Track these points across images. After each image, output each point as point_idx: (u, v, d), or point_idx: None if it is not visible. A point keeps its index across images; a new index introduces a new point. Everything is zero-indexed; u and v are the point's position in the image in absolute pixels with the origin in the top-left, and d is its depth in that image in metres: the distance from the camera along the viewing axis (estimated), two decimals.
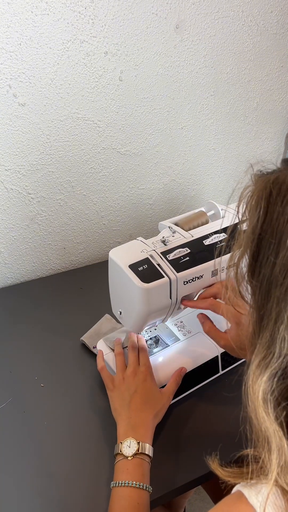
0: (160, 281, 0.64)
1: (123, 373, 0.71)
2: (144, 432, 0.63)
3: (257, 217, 0.41)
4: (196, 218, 0.75)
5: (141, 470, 0.60)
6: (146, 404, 0.67)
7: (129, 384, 0.69)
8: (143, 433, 0.63)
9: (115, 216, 1.19)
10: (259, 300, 0.43)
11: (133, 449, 0.60)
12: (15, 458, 0.69)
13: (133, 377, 0.70)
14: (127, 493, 0.57)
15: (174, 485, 0.64)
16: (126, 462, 0.60)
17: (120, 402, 0.68)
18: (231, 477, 0.43)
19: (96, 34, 0.92)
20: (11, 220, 1.03)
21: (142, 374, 0.70)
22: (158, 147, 1.15)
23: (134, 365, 0.72)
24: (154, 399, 0.68)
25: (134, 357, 0.73)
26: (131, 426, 0.63)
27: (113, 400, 0.69)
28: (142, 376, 0.70)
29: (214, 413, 0.75)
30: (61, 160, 1.02)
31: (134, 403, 0.66)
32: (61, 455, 0.69)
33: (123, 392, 0.68)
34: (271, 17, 1.14)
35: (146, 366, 0.72)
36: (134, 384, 0.69)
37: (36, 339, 0.92)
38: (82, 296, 1.05)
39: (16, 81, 0.88)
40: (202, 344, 0.80)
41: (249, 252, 0.43)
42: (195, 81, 1.11)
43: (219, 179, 1.34)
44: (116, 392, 0.69)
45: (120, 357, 0.74)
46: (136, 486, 0.57)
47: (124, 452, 0.61)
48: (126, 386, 0.69)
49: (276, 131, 1.38)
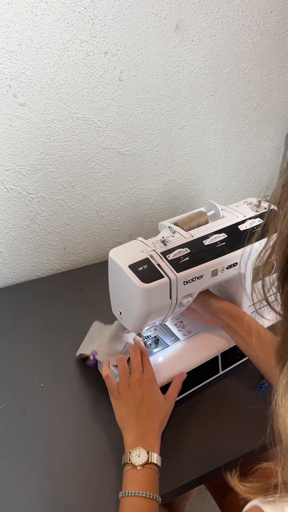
0: (160, 281, 0.64)
1: (127, 380, 0.70)
2: (153, 441, 0.63)
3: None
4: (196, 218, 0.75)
5: (151, 480, 0.59)
6: (152, 412, 0.66)
7: (135, 393, 0.68)
8: (151, 443, 0.63)
9: (115, 216, 1.19)
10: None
11: (143, 458, 0.60)
12: (15, 458, 0.69)
13: (139, 385, 0.69)
14: (137, 503, 0.57)
15: (174, 485, 0.64)
16: (136, 472, 0.59)
17: (126, 411, 0.67)
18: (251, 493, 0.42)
19: (96, 34, 0.92)
20: (11, 220, 1.03)
21: (148, 382, 0.69)
22: (158, 147, 1.15)
23: (138, 372, 0.71)
24: (159, 407, 0.68)
25: (137, 362, 0.72)
26: (140, 436, 0.63)
27: (119, 408, 0.68)
28: (148, 385, 0.69)
29: (214, 413, 0.75)
30: (61, 160, 1.02)
31: (141, 413, 0.65)
32: (61, 455, 0.69)
33: (129, 401, 0.67)
34: (271, 17, 1.14)
35: (150, 373, 0.71)
36: (140, 393, 0.68)
37: (36, 339, 0.92)
38: (82, 296, 1.05)
39: (16, 81, 0.88)
40: (202, 344, 0.80)
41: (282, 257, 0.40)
42: (195, 81, 1.11)
43: (219, 179, 1.34)
44: (122, 401, 0.68)
45: (122, 362, 0.73)
46: (146, 496, 0.57)
47: (134, 461, 0.60)
48: (132, 395, 0.68)
49: (276, 131, 1.38)
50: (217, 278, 0.71)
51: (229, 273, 0.72)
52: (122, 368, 0.72)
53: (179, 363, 0.76)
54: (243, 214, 0.76)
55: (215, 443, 0.70)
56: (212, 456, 0.68)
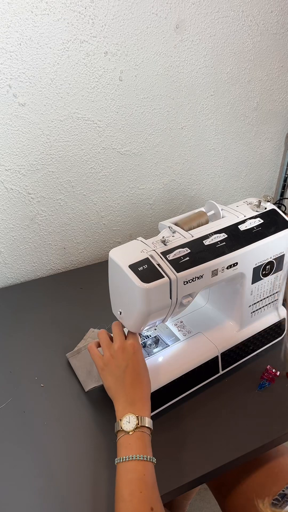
0: (160, 281, 0.64)
1: (110, 349, 0.69)
2: (142, 406, 0.64)
3: None
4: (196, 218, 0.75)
5: (143, 443, 0.60)
6: (140, 376, 0.66)
7: (119, 360, 0.67)
8: (140, 407, 0.64)
9: (115, 216, 1.19)
10: None
11: (133, 423, 0.61)
12: (15, 458, 0.69)
13: (122, 352, 0.68)
14: (132, 467, 0.58)
15: (175, 485, 0.64)
16: (128, 437, 0.61)
17: (113, 380, 0.67)
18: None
19: (96, 34, 0.92)
20: (11, 220, 1.03)
21: (130, 347, 0.68)
22: (158, 147, 1.15)
23: (120, 339, 0.69)
24: (145, 369, 0.68)
25: (119, 330, 0.71)
26: (129, 403, 0.64)
27: (106, 378, 0.68)
28: (131, 349, 0.68)
29: (214, 413, 0.75)
30: (61, 160, 1.02)
31: (128, 379, 0.66)
32: (61, 455, 0.69)
33: (115, 369, 0.67)
34: (271, 17, 1.14)
35: (133, 338, 0.70)
36: (124, 360, 0.67)
37: (36, 339, 0.93)
38: (82, 296, 1.05)
39: (16, 81, 0.88)
40: (202, 344, 0.80)
41: None
42: (195, 81, 1.11)
43: (219, 179, 1.34)
44: (107, 370, 0.68)
45: (103, 334, 0.72)
46: (140, 458, 0.58)
47: (125, 428, 0.61)
48: (116, 362, 0.67)
49: (276, 131, 1.38)
50: (217, 278, 0.71)
51: (229, 273, 0.72)
52: (104, 339, 0.71)
53: (179, 363, 0.76)
54: (243, 214, 0.76)
55: (216, 443, 0.70)
56: (213, 456, 0.68)
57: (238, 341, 0.81)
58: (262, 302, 0.83)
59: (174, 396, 0.76)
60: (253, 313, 0.82)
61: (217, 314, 0.86)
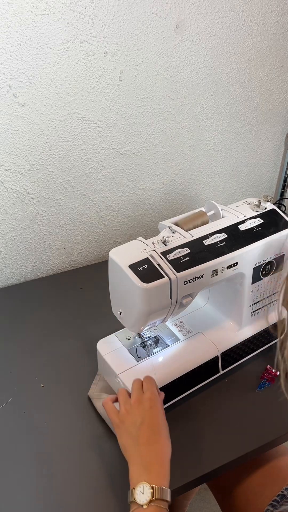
0: (160, 281, 0.64)
1: (126, 405, 0.63)
2: (159, 470, 0.56)
3: None
4: (196, 218, 0.75)
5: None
6: (156, 434, 0.59)
7: (134, 415, 0.61)
8: (157, 473, 0.55)
9: (115, 216, 1.19)
10: None
11: (147, 495, 0.53)
12: (15, 458, 0.69)
13: (137, 406, 0.62)
14: None
15: (175, 485, 0.64)
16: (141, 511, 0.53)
17: (128, 438, 0.60)
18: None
19: (96, 34, 0.92)
20: (11, 220, 1.03)
21: (147, 401, 0.62)
22: (158, 147, 1.15)
23: (137, 392, 0.64)
24: (164, 427, 0.61)
25: (137, 385, 0.66)
26: (144, 467, 0.56)
27: (121, 437, 0.61)
28: (148, 403, 0.62)
29: (214, 413, 0.75)
30: (61, 160, 1.02)
31: (143, 437, 0.58)
32: (61, 456, 0.69)
33: (129, 426, 0.60)
34: (271, 17, 1.14)
35: (151, 391, 0.64)
36: (139, 415, 0.61)
37: (36, 339, 0.93)
38: (82, 296, 1.05)
39: (16, 81, 0.88)
40: (202, 344, 0.80)
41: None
42: (195, 81, 1.11)
43: (219, 179, 1.34)
44: (122, 428, 0.61)
45: (122, 391, 0.67)
46: None
47: (138, 500, 0.53)
48: (131, 418, 0.61)
49: (276, 131, 1.38)
50: (217, 278, 0.71)
51: (229, 273, 0.72)
52: (122, 395, 0.66)
53: (179, 363, 0.76)
54: (243, 214, 0.76)
55: (215, 443, 0.70)
56: (213, 456, 0.68)
57: (238, 341, 0.81)
58: (262, 302, 0.83)
59: (174, 396, 0.76)
60: (253, 313, 0.82)
61: (217, 314, 0.86)
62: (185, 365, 0.76)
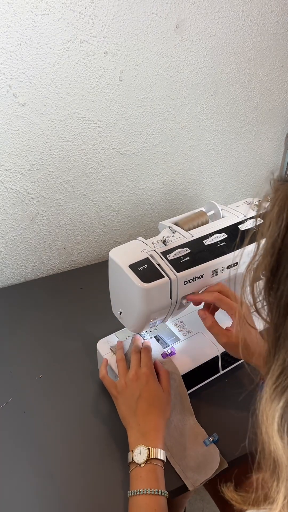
0: (160, 281, 0.64)
1: (125, 378, 0.69)
2: (155, 436, 0.63)
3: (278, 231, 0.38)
4: (196, 218, 0.75)
5: (155, 475, 0.59)
6: (152, 406, 0.65)
7: (133, 389, 0.67)
8: (153, 438, 0.62)
9: (115, 216, 1.19)
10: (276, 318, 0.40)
11: (144, 456, 0.60)
12: (15, 458, 0.69)
13: (136, 380, 0.68)
14: (144, 501, 0.57)
15: (175, 485, 0.64)
16: (139, 470, 0.60)
17: (126, 409, 0.66)
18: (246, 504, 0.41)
19: (96, 34, 0.92)
20: (11, 220, 1.03)
21: (144, 376, 0.69)
22: (158, 147, 1.15)
23: (135, 368, 0.70)
24: (159, 400, 0.67)
25: (136, 360, 0.72)
26: (141, 433, 0.63)
27: (119, 407, 0.68)
28: (144, 378, 0.68)
29: (214, 412, 0.75)
30: (61, 160, 1.02)
31: (140, 409, 0.65)
32: (61, 455, 0.69)
33: (128, 398, 0.67)
34: (271, 17, 1.14)
35: (148, 366, 0.70)
36: (137, 388, 0.67)
37: (36, 339, 0.92)
38: (82, 296, 1.05)
39: (16, 81, 0.88)
40: (202, 344, 0.80)
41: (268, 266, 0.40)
42: (195, 81, 1.11)
43: (219, 179, 1.34)
44: (120, 399, 0.68)
45: (122, 362, 0.73)
46: (151, 492, 0.57)
47: (136, 460, 0.60)
48: (129, 391, 0.67)
49: (276, 131, 1.38)
50: (217, 278, 0.71)
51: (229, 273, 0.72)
52: (121, 367, 0.72)
53: (179, 363, 0.76)
54: (243, 214, 0.76)
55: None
56: None
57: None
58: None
59: None
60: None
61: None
62: (185, 365, 0.76)
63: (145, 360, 0.72)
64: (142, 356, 0.73)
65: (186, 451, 0.68)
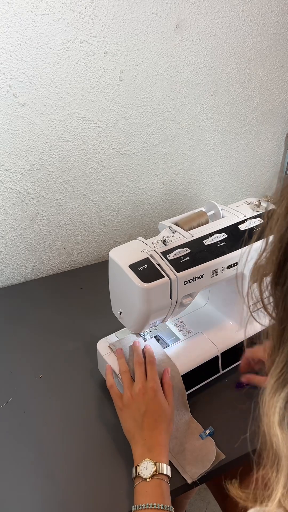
0: (160, 281, 0.64)
1: (131, 390, 0.69)
2: (160, 451, 0.62)
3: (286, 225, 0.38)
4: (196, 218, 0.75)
5: (160, 490, 0.59)
6: (157, 421, 0.65)
7: (139, 403, 0.67)
8: (159, 453, 0.62)
9: (115, 216, 1.19)
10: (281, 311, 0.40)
11: (150, 470, 0.60)
12: (15, 459, 0.69)
13: (143, 395, 0.67)
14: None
15: (175, 485, 0.64)
16: (145, 484, 0.59)
17: (132, 422, 0.66)
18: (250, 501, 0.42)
19: (96, 34, 0.92)
20: (11, 220, 1.03)
21: (151, 391, 0.68)
22: (158, 147, 1.15)
23: (142, 381, 0.69)
24: (165, 415, 0.67)
25: (141, 373, 0.71)
26: (147, 448, 0.63)
27: (125, 420, 0.67)
28: (151, 393, 0.67)
29: (215, 413, 0.75)
30: (61, 160, 1.02)
31: (147, 423, 0.65)
32: (61, 456, 0.69)
33: (134, 412, 0.66)
34: (271, 17, 1.14)
35: (154, 380, 0.69)
36: (144, 403, 0.66)
37: (36, 339, 0.92)
38: (82, 296, 1.05)
39: (16, 81, 0.88)
40: (202, 344, 0.80)
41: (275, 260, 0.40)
42: (195, 81, 1.11)
43: (219, 179, 1.34)
44: (126, 412, 0.67)
45: (126, 374, 0.72)
46: (156, 507, 0.57)
47: (142, 474, 0.60)
48: (136, 405, 0.67)
49: (276, 131, 1.38)
50: (217, 278, 0.71)
51: (229, 273, 0.72)
52: (126, 379, 0.71)
53: (179, 363, 0.76)
54: (243, 214, 0.76)
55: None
56: None
57: (238, 341, 0.81)
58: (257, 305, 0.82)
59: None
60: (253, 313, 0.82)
61: (217, 314, 0.86)
62: (185, 365, 0.76)
63: (151, 373, 0.71)
64: (148, 369, 0.72)
65: (182, 445, 0.69)
